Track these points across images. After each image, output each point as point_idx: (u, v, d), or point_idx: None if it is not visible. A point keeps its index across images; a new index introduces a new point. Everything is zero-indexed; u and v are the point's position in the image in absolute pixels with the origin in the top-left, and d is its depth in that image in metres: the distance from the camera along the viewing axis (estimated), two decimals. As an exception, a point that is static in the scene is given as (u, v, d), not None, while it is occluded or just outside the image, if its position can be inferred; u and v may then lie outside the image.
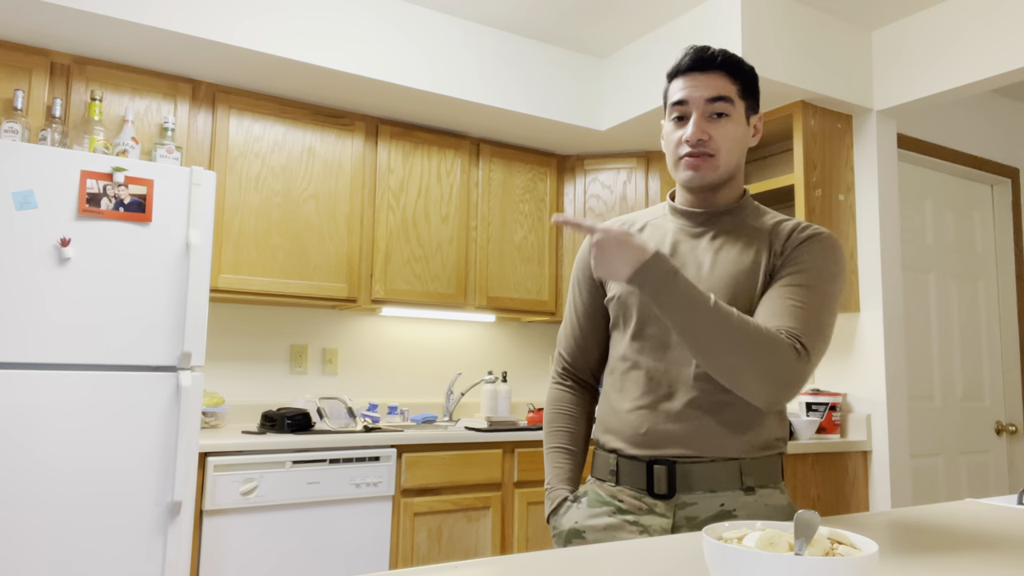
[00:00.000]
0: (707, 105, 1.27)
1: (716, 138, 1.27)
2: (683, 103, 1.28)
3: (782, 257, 1.25)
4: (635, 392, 1.28)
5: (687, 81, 1.29)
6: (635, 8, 3.05)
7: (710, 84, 1.27)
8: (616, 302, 1.33)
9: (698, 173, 1.28)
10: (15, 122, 2.48)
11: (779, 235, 1.28)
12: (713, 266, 1.27)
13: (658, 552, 0.98)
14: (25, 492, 2.15)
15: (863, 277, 3.09)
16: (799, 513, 0.76)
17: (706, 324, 1.11)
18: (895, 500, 2.96)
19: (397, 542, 2.79)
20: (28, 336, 2.19)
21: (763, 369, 1.11)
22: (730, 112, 1.28)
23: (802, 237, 1.26)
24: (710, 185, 1.30)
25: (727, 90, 1.28)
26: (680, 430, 1.23)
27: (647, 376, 1.27)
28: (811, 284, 1.20)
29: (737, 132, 1.29)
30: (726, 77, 1.29)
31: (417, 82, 3.02)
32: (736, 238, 1.30)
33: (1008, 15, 2.73)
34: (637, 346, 1.29)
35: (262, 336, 3.26)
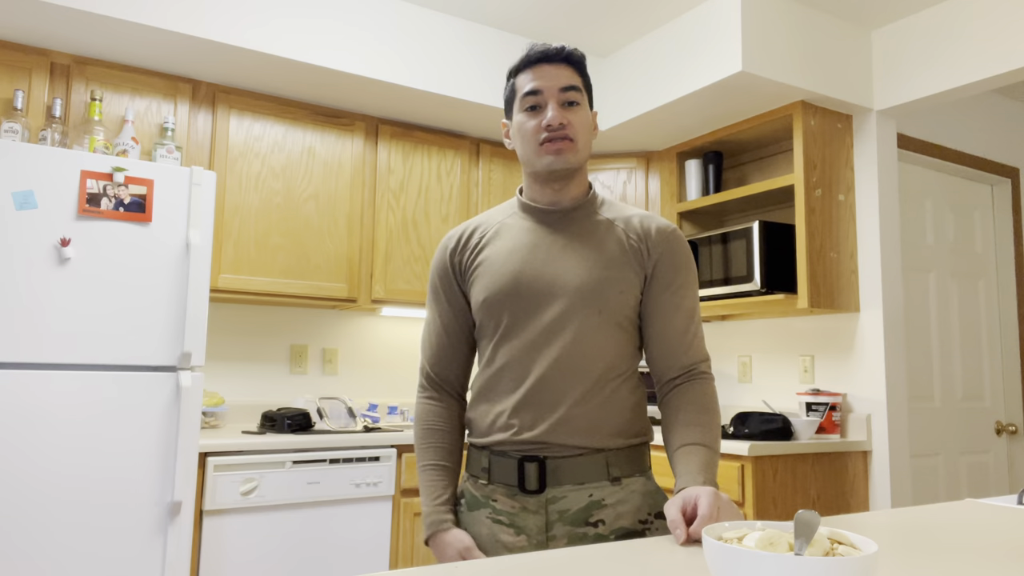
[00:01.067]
0: (561, 93, 1.30)
1: (574, 123, 1.30)
2: (537, 92, 1.31)
3: (652, 260, 1.33)
4: (503, 393, 1.30)
5: (536, 72, 1.32)
6: (635, 8, 3.05)
7: (560, 74, 1.31)
8: (484, 306, 1.32)
9: (561, 157, 1.30)
10: (15, 122, 2.48)
11: (637, 231, 1.34)
12: (578, 260, 1.30)
13: (658, 552, 0.98)
14: (25, 492, 2.15)
15: (863, 277, 3.09)
16: (799, 513, 0.76)
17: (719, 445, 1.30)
18: (895, 500, 2.96)
19: (397, 542, 2.79)
20: (28, 336, 2.19)
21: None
22: (580, 101, 1.33)
23: (665, 237, 1.34)
24: (570, 170, 1.32)
25: (575, 80, 1.32)
26: (548, 427, 1.26)
27: (517, 374, 1.29)
28: (695, 300, 1.36)
29: (588, 121, 1.34)
30: (572, 70, 1.33)
31: (417, 82, 3.02)
32: (592, 232, 1.34)
33: (1008, 15, 2.73)
34: (506, 346, 1.30)
35: (262, 336, 3.26)
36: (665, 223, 1.37)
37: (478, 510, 1.32)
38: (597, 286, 1.28)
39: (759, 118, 3.18)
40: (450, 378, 1.42)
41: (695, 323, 1.35)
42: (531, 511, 1.26)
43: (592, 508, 1.25)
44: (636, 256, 1.32)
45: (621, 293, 1.29)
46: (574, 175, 1.35)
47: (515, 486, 1.28)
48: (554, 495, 1.26)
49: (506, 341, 1.31)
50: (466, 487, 1.36)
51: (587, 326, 1.28)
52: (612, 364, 1.30)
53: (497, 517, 1.29)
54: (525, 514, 1.27)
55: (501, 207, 1.45)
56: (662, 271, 1.32)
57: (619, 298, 1.29)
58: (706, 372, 1.35)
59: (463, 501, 1.36)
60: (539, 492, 1.26)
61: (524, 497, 1.27)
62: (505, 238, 1.37)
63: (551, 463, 1.26)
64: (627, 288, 1.30)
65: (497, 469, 1.30)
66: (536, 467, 1.26)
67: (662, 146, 3.63)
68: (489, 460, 1.31)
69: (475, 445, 1.35)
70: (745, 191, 3.20)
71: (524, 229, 1.36)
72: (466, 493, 1.36)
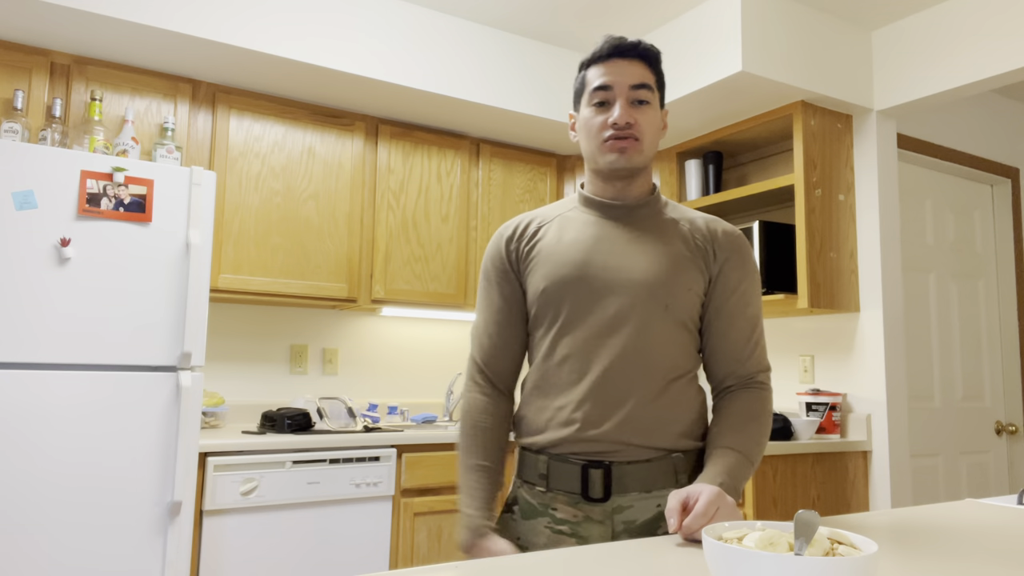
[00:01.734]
0: (631, 91, 1.27)
1: (641, 123, 1.27)
2: (606, 88, 1.27)
3: (717, 264, 1.30)
4: (563, 387, 1.25)
5: (608, 67, 1.28)
6: (635, 8, 3.05)
7: (632, 71, 1.28)
8: (544, 295, 1.27)
9: (624, 156, 1.27)
10: (15, 122, 2.48)
11: (703, 233, 1.32)
12: (645, 255, 1.27)
13: (658, 552, 0.98)
14: (25, 492, 2.15)
15: (863, 277, 3.09)
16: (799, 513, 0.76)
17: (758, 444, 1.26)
18: (895, 500, 2.96)
19: (397, 542, 2.79)
20: (28, 336, 2.19)
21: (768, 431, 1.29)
22: (651, 100, 1.29)
23: (731, 242, 1.32)
24: (633, 170, 1.29)
25: (647, 78, 1.29)
26: (613, 424, 1.21)
27: (579, 367, 1.24)
28: (759, 307, 1.32)
29: (656, 120, 1.31)
30: (645, 66, 1.30)
31: (417, 82, 3.02)
32: (657, 230, 1.30)
33: (1007, 15, 2.73)
34: (567, 338, 1.25)
35: (262, 336, 3.26)
36: (731, 227, 1.34)
37: (535, 519, 1.25)
38: (664, 281, 1.24)
39: (759, 118, 3.18)
40: (502, 371, 1.35)
41: (758, 331, 1.31)
42: (596, 520, 1.20)
43: (660, 520, 1.20)
44: (702, 257, 1.28)
45: (688, 291, 1.25)
46: (638, 174, 1.31)
47: (578, 494, 1.21)
48: (620, 504, 1.20)
49: (567, 332, 1.25)
50: (520, 494, 1.29)
51: (653, 321, 1.23)
52: (677, 362, 1.25)
53: (558, 527, 1.22)
54: (589, 524, 1.21)
55: (559, 203, 1.41)
56: (727, 275, 1.29)
57: (686, 295, 1.25)
58: (764, 383, 1.30)
59: (516, 508, 1.29)
60: (604, 500, 1.20)
61: (588, 506, 1.21)
62: (567, 229, 1.32)
63: (617, 469, 1.20)
64: (693, 287, 1.26)
65: (557, 475, 1.23)
66: (601, 474, 1.20)
67: (662, 146, 3.63)
68: (548, 466, 1.24)
69: (529, 448, 1.28)
70: (745, 191, 3.20)
71: (587, 222, 1.32)
72: (520, 500, 1.28)
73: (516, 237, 1.35)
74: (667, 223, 1.32)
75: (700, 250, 1.29)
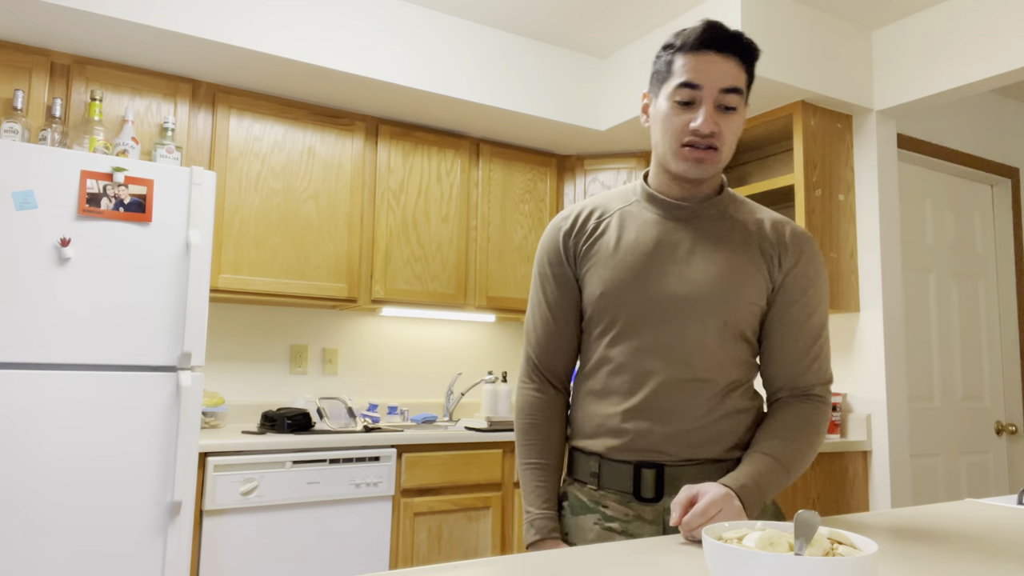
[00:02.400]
0: (720, 95, 1.18)
1: (724, 132, 1.19)
2: (695, 87, 1.17)
3: (783, 271, 1.24)
4: (617, 395, 1.22)
5: (701, 62, 1.17)
6: (635, 8, 3.05)
7: (726, 72, 1.17)
8: (602, 299, 1.23)
9: (701, 167, 1.20)
10: (15, 122, 2.48)
11: (771, 238, 1.26)
12: (707, 264, 1.22)
13: (658, 552, 0.98)
14: (25, 492, 2.15)
15: (863, 277, 3.09)
16: (799, 513, 0.76)
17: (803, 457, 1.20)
18: (895, 500, 2.96)
19: (397, 542, 2.79)
20: (28, 336, 2.19)
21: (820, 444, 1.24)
22: (738, 106, 1.20)
23: (799, 246, 1.26)
24: (706, 179, 1.24)
25: (740, 80, 1.19)
26: (665, 436, 1.18)
27: (630, 380, 1.21)
28: (824, 316, 1.26)
29: (740, 126, 1.23)
30: (740, 65, 1.20)
31: (417, 82, 3.02)
32: (723, 233, 1.25)
33: (1007, 15, 2.73)
34: (622, 346, 1.22)
35: (262, 336, 3.26)
36: (800, 229, 1.27)
37: (584, 515, 1.23)
38: (725, 294, 1.19)
39: (759, 118, 3.18)
40: (557, 368, 1.31)
41: (821, 341, 1.24)
42: (647, 520, 1.18)
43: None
44: (767, 263, 1.23)
45: (750, 304, 1.21)
46: (707, 179, 1.25)
47: (629, 493, 1.19)
48: (670, 505, 1.16)
49: (623, 341, 1.21)
50: (570, 490, 1.27)
51: (711, 335, 1.19)
52: (733, 376, 1.21)
53: (607, 524, 1.20)
54: (640, 523, 1.19)
55: (620, 191, 1.33)
56: (792, 282, 1.23)
57: (748, 308, 1.20)
58: (822, 396, 1.24)
59: (565, 504, 1.27)
60: (656, 500, 1.18)
61: (639, 505, 1.19)
62: (628, 228, 1.26)
63: (670, 471, 1.18)
64: (756, 299, 1.21)
65: (608, 474, 1.21)
66: (653, 474, 1.18)
67: (662, 146, 3.62)
68: (600, 465, 1.22)
69: (581, 450, 1.26)
70: (745, 191, 3.20)
71: (649, 221, 1.25)
72: (569, 496, 1.27)
73: (575, 232, 1.29)
74: (734, 225, 1.25)
75: (766, 256, 1.23)
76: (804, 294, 1.24)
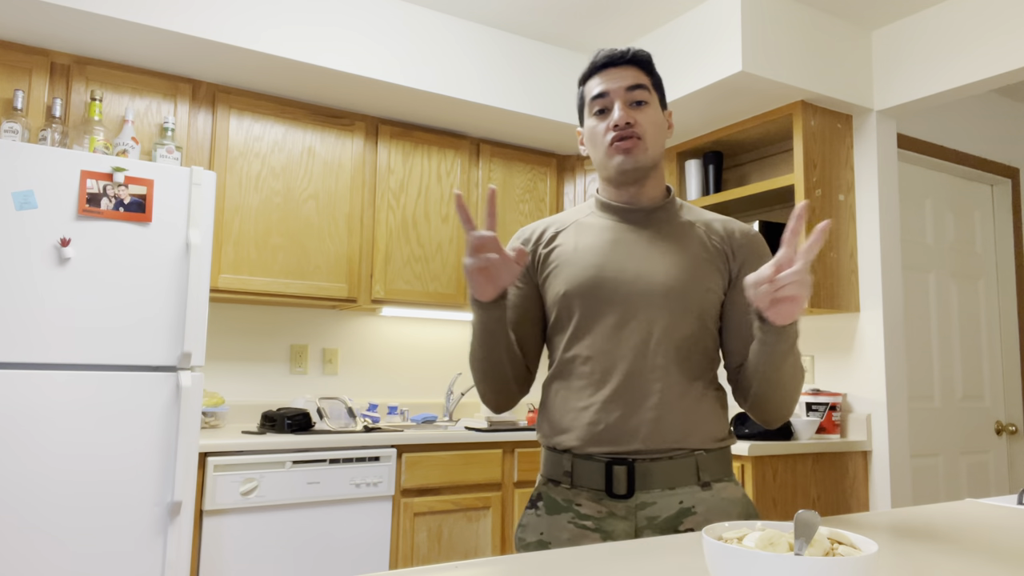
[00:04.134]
0: (627, 93, 1.30)
1: (641, 122, 1.29)
2: (604, 95, 1.31)
3: (737, 263, 1.31)
4: (587, 389, 1.26)
5: (603, 77, 1.32)
6: (635, 8, 3.05)
7: (626, 75, 1.31)
8: (565, 299, 1.29)
9: (630, 156, 1.29)
10: (15, 122, 2.48)
11: (720, 234, 1.34)
12: (663, 257, 1.29)
13: (659, 552, 0.98)
14: (25, 492, 2.15)
15: (863, 277, 3.09)
16: (799, 513, 0.76)
17: (798, 365, 1.21)
18: (895, 500, 2.96)
19: (397, 542, 2.79)
20: (28, 336, 2.19)
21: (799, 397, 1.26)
22: (648, 100, 1.32)
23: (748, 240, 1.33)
24: (642, 171, 1.31)
25: (642, 79, 1.32)
26: (637, 424, 1.22)
27: (599, 372, 1.25)
28: None
29: (658, 118, 1.33)
30: (639, 70, 1.33)
31: (417, 82, 3.02)
32: (674, 232, 1.32)
33: (1008, 15, 2.73)
34: (587, 341, 1.27)
35: (262, 336, 3.26)
36: (747, 227, 1.36)
37: (559, 514, 1.26)
38: (684, 284, 1.26)
39: (759, 118, 3.18)
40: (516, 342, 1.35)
41: None
42: (619, 516, 1.22)
43: (683, 516, 1.21)
44: (720, 258, 1.31)
45: (707, 292, 1.27)
46: (648, 176, 1.33)
47: (602, 490, 1.23)
48: (643, 500, 1.22)
49: (588, 336, 1.27)
50: (544, 490, 1.30)
51: (672, 323, 1.25)
52: (699, 363, 1.27)
53: (581, 522, 1.23)
54: (613, 519, 1.22)
55: (575, 208, 1.43)
56: (747, 272, 1.31)
57: (705, 295, 1.27)
58: None
59: (540, 504, 1.29)
60: (628, 497, 1.22)
61: (612, 502, 1.23)
62: (584, 234, 1.34)
63: (640, 466, 1.22)
64: (713, 287, 1.28)
65: (581, 472, 1.25)
66: (625, 470, 1.22)
67: (662, 146, 3.62)
68: (572, 463, 1.26)
69: (554, 448, 1.30)
70: (745, 191, 3.20)
71: (604, 227, 1.34)
72: (544, 496, 1.30)
73: (534, 240, 1.38)
74: (683, 226, 1.34)
75: (718, 251, 1.31)
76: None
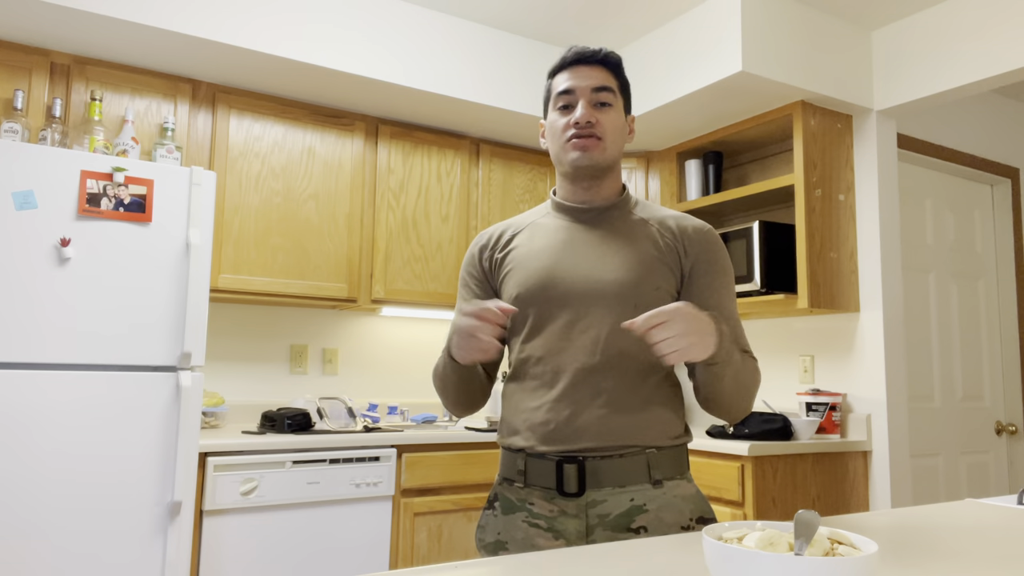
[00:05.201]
0: (593, 94, 1.32)
1: (603, 123, 1.31)
2: (569, 92, 1.32)
3: (689, 260, 1.32)
4: (539, 389, 1.28)
5: (571, 73, 1.34)
6: (635, 8, 3.05)
7: (594, 75, 1.33)
8: (517, 302, 1.32)
9: (587, 153, 1.30)
10: (15, 122, 2.48)
11: (673, 231, 1.34)
12: (613, 257, 1.30)
13: (658, 552, 0.98)
14: (25, 492, 2.15)
15: (863, 277, 3.09)
16: (799, 513, 0.76)
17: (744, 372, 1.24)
18: (895, 500, 2.96)
19: (397, 542, 2.79)
20: (28, 336, 2.19)
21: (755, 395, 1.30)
22: (613, 103, 1.33)
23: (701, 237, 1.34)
24: (597, 169, 1.33)
25: (609, 82, 1.34)
26: (586, 422, 1.24)
27: (550, 372, 1.27)
28: (732, 294, 1.34)
29: (619, 122, 1.35)
30: (607, 72, 1.34)
31: (417, 82, 3.02)
32: (627, 231, 1.34)
33: (1008, 15, 2.73)
34: (539, 342, 1.29)
35: (262, 336, 3.26)
36: (700, 223, 1.36)
37: (513, 513, 1.28)
38: (633, 282, 1.27)
39: (759, 118, 3.18)
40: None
41: (732, 322, 1.31)
42: (570, 515, 1.23)
43: (634, 513, 1.22)
44: (671, 255, 1.31)
45: (657, 290, 1.28)
46: (605, 174, 1.35)
47: (553, 489, 1.25)
48: (594, 498, 1.23)
49: (539, 336, 1.29)
50: (499, 491, 1.33)
51: (622, 320, 1.26)
52: (649, 361, 1.28)
53: (534, 521, 1.26)
54: (564, 518, 1.24)
55: (533, 210, 1.45)
56: (699, 272, 1.31)
57: (655, 295, 1.27)
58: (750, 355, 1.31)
59: (497, 505, 1.32)
60: (578, 495, 1.23)
61: (563, 500, 1.24)
62: (537, 236, 1.37)
63: (591, 464, 1.23)
64: (663, 285, 1.29)
65: (533, 471, 1.27)
66: (575, 468, 1.23)
67: (662, 146, 3.63)
68: (525, 462, 1.28)
69: (509, 448, 1.32)
70: (745, 191, 3.20)
71: (557, 227, 1.36)
72: (500, 497, 1.32)
73: (490, 246, 1.41)
74: (636, 224, 1.35)
75: (670, 249, 1.32)
76: (712, 280, 1.32)
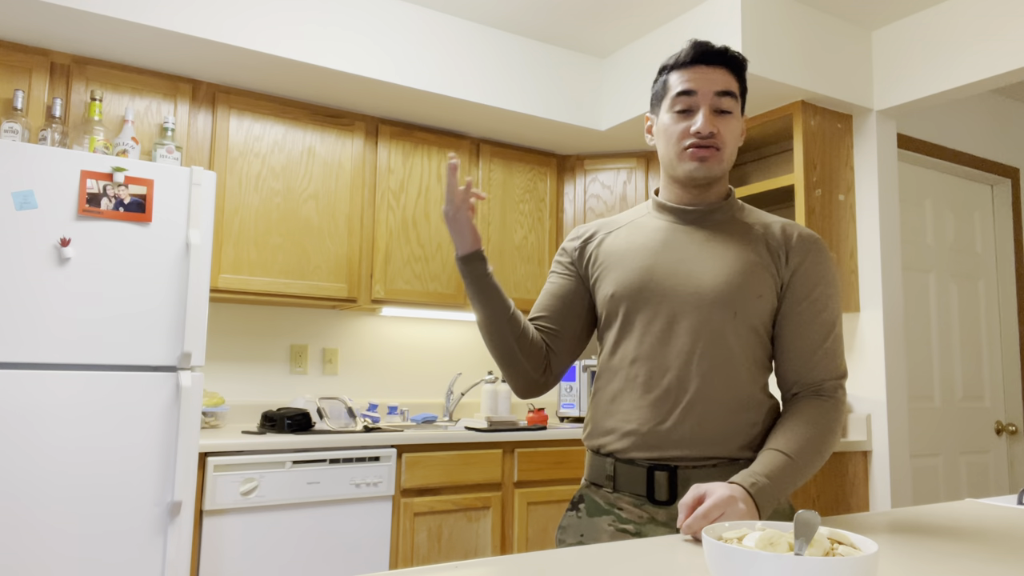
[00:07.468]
0: (715, 99, 1.25)
1: (723, 133, 1.26)
2: (690, 93, 1.25)
3: (789, 268, 1.26)
4: (634, 392, 1.24)
5: (693, 73, 1.26)
6: (635, 8, 3.05)
7: (717, 78, 1.26)
8: (613, 300, 1.28)
9: (705, 165, 1.25)
10: (15, 122, 2.48)
11: (778, 238, 1.29)
12: (715, 260, 1.25)
13: (658, 552, 0.98)
14: (25, 493, 2.15)
15: (863, 277, 3.09)
16: (799, 513, 0.76)
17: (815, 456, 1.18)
18: (895, 500, 2.96)
19: (397, 542, 2.79)
20: (28, 336, 2.19)
21: (836, 437, 1.23)
22: (733, 110, 1.27)
23: (806, 246, 1.28)
24: (712, 179, 1.28)
25: (732, 86, 1.27)
26: (679, 430, 1.20)
27: (647, 375, 1.23)
28: (834, 313, 1.27)
29: (738, 130, 1.30)
30: (730, 74, 1.28)
31: (417, 82, 3.02)
32: (731, 234, 1.29)
33: (1008, 15, 2.73)
34: (635, 344, 1.25)
35: (262, 336, 3.26)
36: (808, 231, 1.30)
37: (599, 516, 1.25)
38: (734, 288, 1.22)
39: (759, 118, 3.18)
40: (546, 326, 1.34)
41: (832, 338, 1.25)
42: (660, 522, 1.20)
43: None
44: (774, 262, 1.26)
45: (759, 298, 1.23)
46: (715, 181, 1.30)
47: (643, 495, 1.21)
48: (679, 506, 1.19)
49: (635, 338, 1.25)
50: (586, 493, 1.30)
51: (721, 328, 1.22)
52: (747, 370, 1.23)
53: (622, 526, 1.23)
54: (653, 525, 1.21)
55: (633, 209, 1.41)
56: (800, 280, 1.25)
57: (756, 302, 1.23)
58: (834, 391, 1.24)
59: (582, 506, 1.29)
60: (669, 503, 1.20)
61: (652, 507, 1.21)
62: (637, 235, 1.32)
63: (683, 472, 1.20)
64: (765, 293, 1.23)
65: (623, 477, 1.23)
66: (667, 476, 1.20)
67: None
68: (615, 467, 1.25)
69: (598, 451, 1.29)
70: (745, 191, 3.20)
71: (658, 227, 1.32)
72: (586, 499, 1.29)
73: (589, 239, 1.38)
74: (741, 227, 1.30)
75: (773, 255, 1.26)
76: (812, 291, 1.26)
